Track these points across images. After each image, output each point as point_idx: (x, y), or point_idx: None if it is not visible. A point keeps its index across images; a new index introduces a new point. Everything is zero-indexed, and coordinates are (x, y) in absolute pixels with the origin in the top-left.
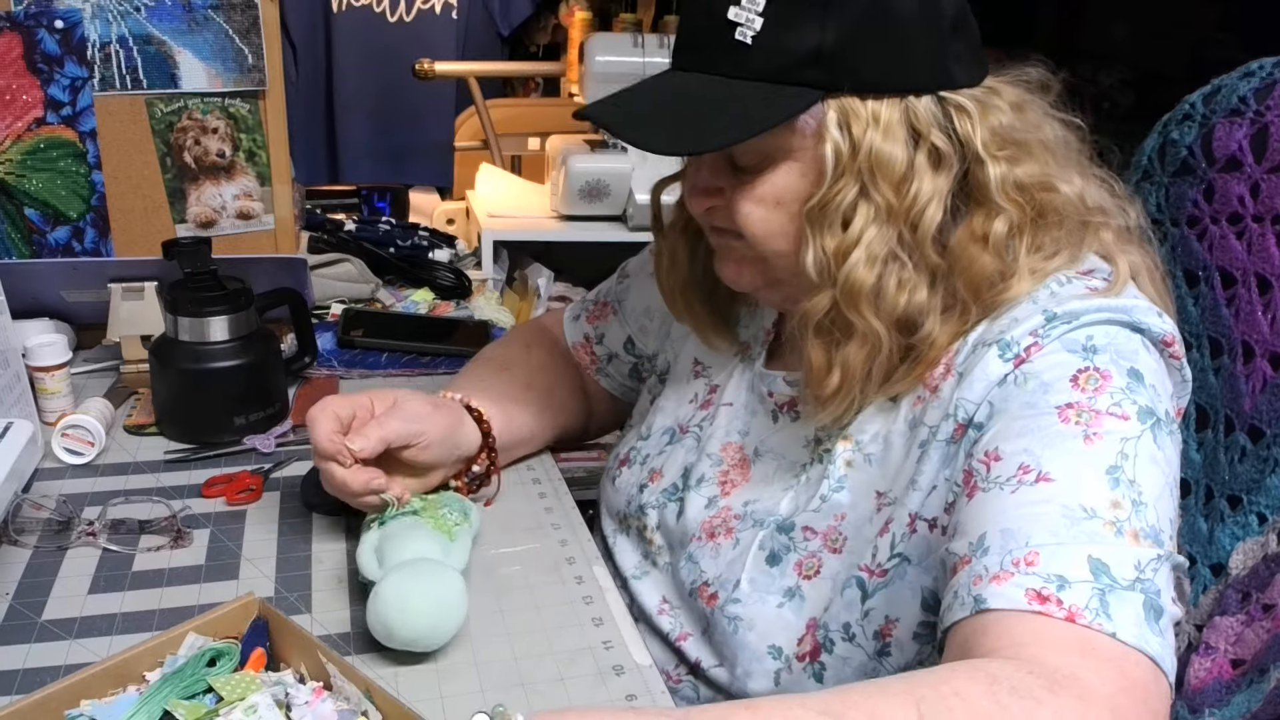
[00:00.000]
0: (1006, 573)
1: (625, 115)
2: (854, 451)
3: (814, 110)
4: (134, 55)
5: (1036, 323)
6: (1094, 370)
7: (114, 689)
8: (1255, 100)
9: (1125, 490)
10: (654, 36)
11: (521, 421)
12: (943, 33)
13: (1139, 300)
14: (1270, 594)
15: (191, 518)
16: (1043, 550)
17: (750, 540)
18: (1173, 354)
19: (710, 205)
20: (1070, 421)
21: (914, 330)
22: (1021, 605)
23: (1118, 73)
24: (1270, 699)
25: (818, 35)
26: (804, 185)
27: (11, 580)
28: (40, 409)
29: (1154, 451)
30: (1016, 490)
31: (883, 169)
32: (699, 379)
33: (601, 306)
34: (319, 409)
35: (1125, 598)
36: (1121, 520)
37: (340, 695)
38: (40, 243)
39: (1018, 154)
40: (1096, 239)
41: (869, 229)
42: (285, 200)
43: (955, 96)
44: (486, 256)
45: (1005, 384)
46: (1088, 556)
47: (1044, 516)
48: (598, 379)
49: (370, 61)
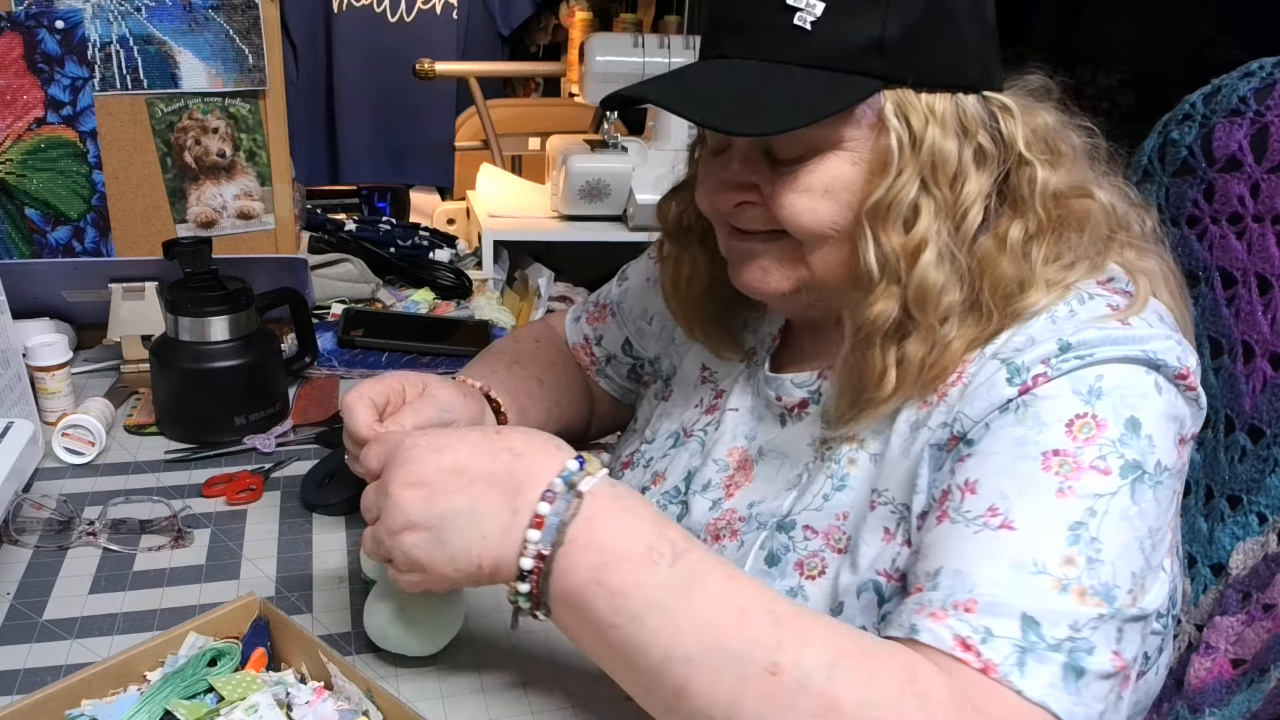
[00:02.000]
0: (944, 612)
1: (685, 96)
2: (858, 450)
3: (871, 101)
4: (134, 55)
5: (1049, 350)
6: (1091, 418)
7: (115, 689)
8: (1255, 100)
9: (1084, 547)
10: (654, 36)
11: (533, 417)
12: (987, 34)
13: (1157, 329)
14: (1270, 594)
15: (192, 517)
16: (981, 600)
17: (753, 542)
18: (1188, 386)
19: (742, 201)
20: (1051, 471)
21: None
22: (946, 647)
23: (1117, 73)
24: (1271, 698)
25: (880, 25)
26: (855, 175)
27: (12, 580)
28: (41, 409)
29: (1127, 507)
30: (980, 532)
31: (942, 164)
32: (705, 384)
33: (601, 308)
34: (355, 396)
35: (1045, 657)
36: (1071, 578)
37: (341, 695)
38: (41, 243)
39: (1054, 159)
40: (1119, 253)
41: (933, 226)
42: (285, 200)
43: (999, 96)
44: (487, 256)
45: (1006, 410)
46: (1022, 613)
47: (995, 565)
48: (597, 380)
49: (370, 61)
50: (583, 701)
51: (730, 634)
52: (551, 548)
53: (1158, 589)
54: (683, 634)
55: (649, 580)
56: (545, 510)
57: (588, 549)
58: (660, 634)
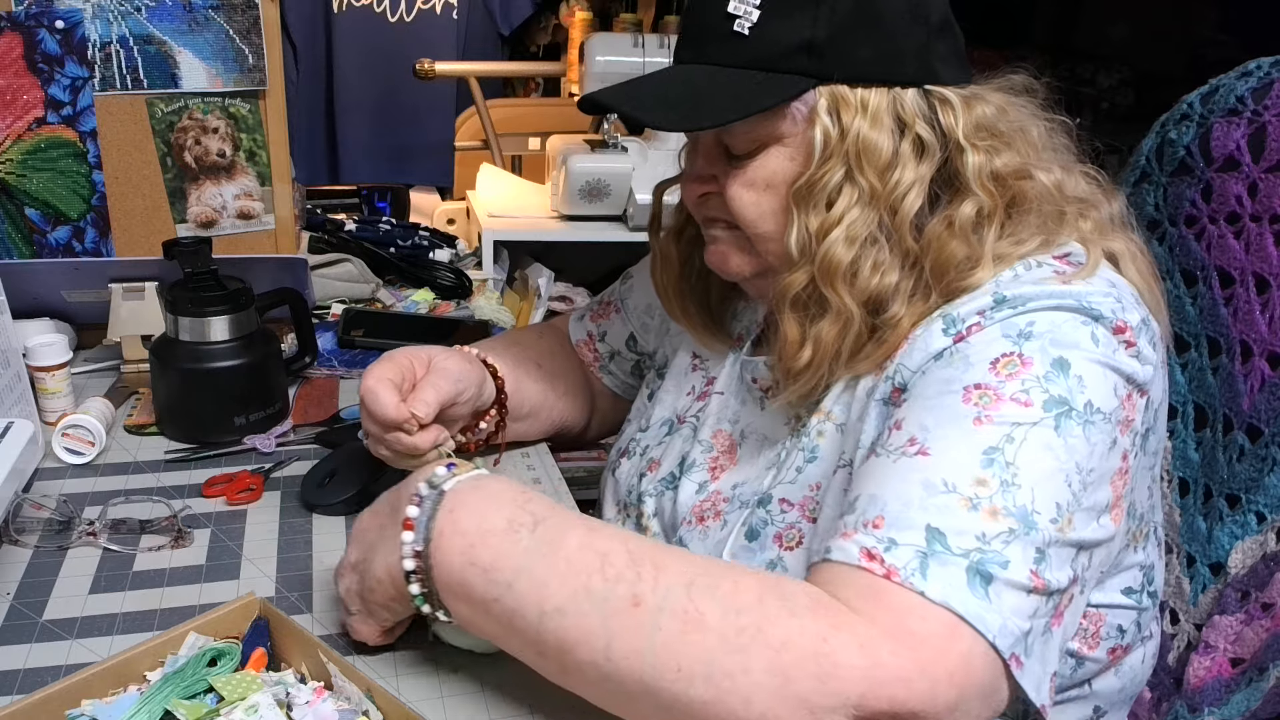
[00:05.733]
0: (854, 530)
1: (631, 99)
2: (825, 422)
3: (806, 97)
4: (134, 55)
5: (985, 303)
6: (1017, 355)
7: (115, 689)
8: (1253, 100)
9: (998, 470)
10: (654, 36)
11: (530, 393)
12: (929, 32)
13: (1098, 286)
14: (1269, 593)
15: (192, 517)
16: (888, 515)
17: (737, 520)
18: (1127, 341)
19: (705, 192)
20: (970, 402)
21: (881, 311)
22: (852, 560)
23: (1117, 73)
24: (1270, 697)
25: (810, 27)
26: (792, 168)
27: (12, 580)
28: (41, 409)
29: (1050, 439)
30: (898, 460)
31: (869, 155)
32: (697, 372)
33: (605, 305)
34: (375, 380)
35: (948, 561)
36: (981, 497)
37: (341, 695)
38: (41, 243)
39: (998, 145)
40: (1075, 228)
41: (851, 210)
42: (286, 200)
43: (940, 90)
44: (487, 256)
45: (940, 358)
46: (927, 525)
47: (906, 486)
48: (600, 376)
49: (371, 61)
50: (582, 702)
51: (595, 578)
52: (425, 544)
53: (1093, 532)
54: (549, 588)
55: (512, 549)
56: (414, 513)
57: (454, 535)
58: (531, 593)
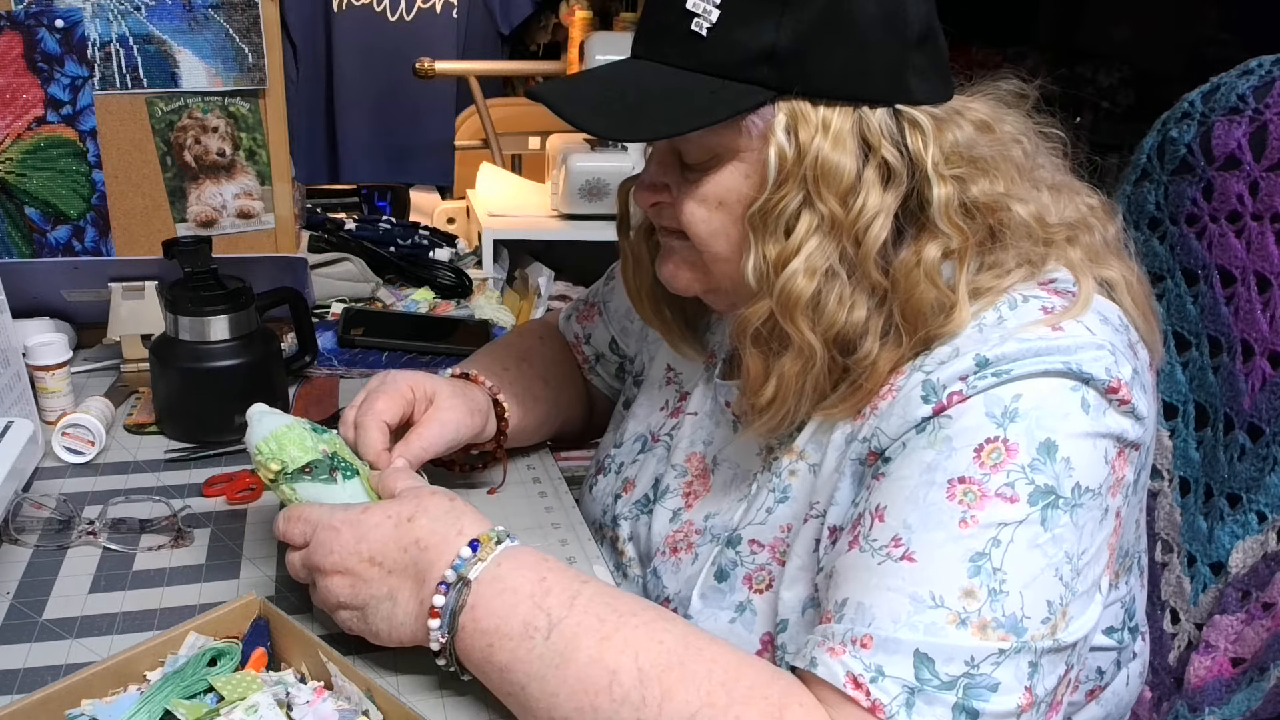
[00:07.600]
0: (843, 647)
1: (570, 96)
2: (797, 461)
3: (763, 111)
4: (134, 54)
5: (967, 366)
6: (1001, 442)
7: (115, 688)
8: (1254, 98)
9: (985, 579)
10: None
11: (534, 416)
12: (906, 45)
13: (1093, 335)
14: (1270, 592)
15: (192, 517)
16: (877, 636)
17: (707, 556)
18: (1121, 400)
19: (656, 201)
20: (955, 500)
21: (851, 350)
22: (838, 683)
23: (1117, 72)
24: (1270, 697)
25: (773, 33)
26: (747, 188)
27: (12, 579)
28: (40, 408)
29: (1037, 534)
30: (883, 563)
31: (828, 178)
32: (670, 385)
33: (590, 307)
34: (370, 419)
35: (934, 699)
36: (970, 611)
37: (341, 695)
38: (40, 242)
39: (972, 173)
40: (1063, 255)
41: (810, 239)
42: (285, 199)
43: (911, 111)
44: (487, 255)
45: (922, 431)
46: (915, 650)
47: (895, 599)
48: (590, 378)
49: (370, 60)
50: None
51: (601, 697)
52: (448, 634)
53: (1090, 614)
54: (559, 699)
55: (526, 655)
56: (439, 603)
57: (475, 634)
58: (542, 701)
